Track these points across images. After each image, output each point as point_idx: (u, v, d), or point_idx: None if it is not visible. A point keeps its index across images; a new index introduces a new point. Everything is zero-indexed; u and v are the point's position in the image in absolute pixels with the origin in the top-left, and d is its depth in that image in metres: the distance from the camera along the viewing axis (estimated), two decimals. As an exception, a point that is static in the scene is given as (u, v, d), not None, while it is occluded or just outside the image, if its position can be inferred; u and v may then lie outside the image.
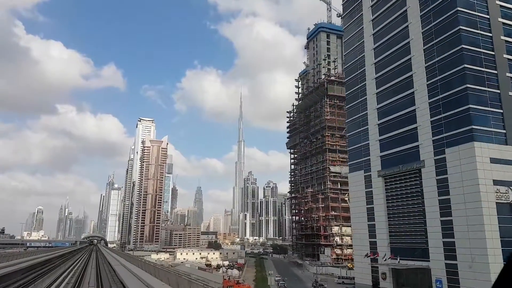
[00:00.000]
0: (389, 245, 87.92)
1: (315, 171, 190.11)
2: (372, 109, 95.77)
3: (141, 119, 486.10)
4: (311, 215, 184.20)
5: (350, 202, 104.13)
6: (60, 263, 76.40)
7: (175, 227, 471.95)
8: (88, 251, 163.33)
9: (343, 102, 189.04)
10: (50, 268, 67.22)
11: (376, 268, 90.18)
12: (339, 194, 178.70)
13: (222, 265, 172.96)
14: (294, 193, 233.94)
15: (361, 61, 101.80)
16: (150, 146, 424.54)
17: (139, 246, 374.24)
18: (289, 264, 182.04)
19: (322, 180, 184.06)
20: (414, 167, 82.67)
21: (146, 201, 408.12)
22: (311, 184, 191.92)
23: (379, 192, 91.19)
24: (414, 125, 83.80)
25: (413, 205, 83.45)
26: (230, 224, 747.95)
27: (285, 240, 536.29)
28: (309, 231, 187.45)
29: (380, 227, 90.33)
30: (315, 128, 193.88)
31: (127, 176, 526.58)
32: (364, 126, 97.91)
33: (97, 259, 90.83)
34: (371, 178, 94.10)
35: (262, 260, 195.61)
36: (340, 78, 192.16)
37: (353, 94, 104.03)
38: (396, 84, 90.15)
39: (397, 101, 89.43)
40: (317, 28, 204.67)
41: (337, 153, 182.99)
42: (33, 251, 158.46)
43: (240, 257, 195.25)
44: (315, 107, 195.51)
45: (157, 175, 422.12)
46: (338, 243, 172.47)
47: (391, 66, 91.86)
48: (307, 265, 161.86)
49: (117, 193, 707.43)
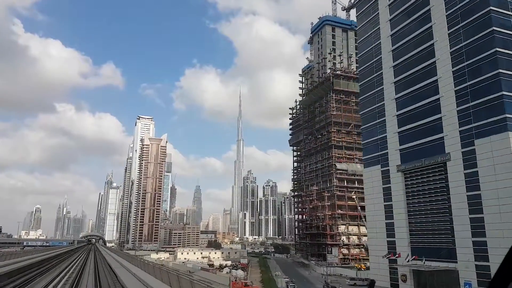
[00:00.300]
0: (409, 245, 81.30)
1: (320, 168, 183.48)
2: (390, 99, 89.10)
3: (140, 117, 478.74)
4: (316, 213, 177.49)
5: (366, 199, 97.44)
6: (53, 265, 69.62)
7: (174, 226, 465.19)
8: (85, 251, 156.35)
9: (349, 97, 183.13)
10: (42, 272, 60.40)
11: (395, 269, 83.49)
12: (345, 192, 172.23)
13: (225, 265, 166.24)
14: (298, 191, 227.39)
15: (377, 49, 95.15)
16: (149, 144, 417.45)
17: (138, 245, 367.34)
18: (294, 264, 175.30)
19: (327, 177, 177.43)
20: (438, 160, 76.02)
21: (145, 200, 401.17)
22: (316, 181, 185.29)
23: (398, 188, 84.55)
24: (438, 115, 77.18)
25: (437, 202, 76.81)
26: (229, 223, 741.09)
27: (285, 240, 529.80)
28: (314, 230, 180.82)
29: (399, 226, 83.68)
30: (320, 124, 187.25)
31: (125, 175, 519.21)
32: (381, 117, 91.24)
33: (95, 260, 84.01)
34: (389, 173, 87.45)
35: (265, 260, 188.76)
36: (346, 72, 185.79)
37: (368, 84, 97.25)
38: (417, 72, 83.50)
39: (418, 90, 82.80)
40: (322, 21, 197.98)
41: (343, 150, 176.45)
42: (29, 251, 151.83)
43: (243, 257, 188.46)
44: (320, 102, 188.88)
45: (156, 174, 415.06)
46: (345, 242, 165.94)
47: (411, 53, 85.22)
48: (313, 265, 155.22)
49: (115, 192, 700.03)
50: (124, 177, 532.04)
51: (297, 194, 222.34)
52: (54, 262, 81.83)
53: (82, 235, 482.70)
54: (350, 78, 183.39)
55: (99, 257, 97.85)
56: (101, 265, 71.27)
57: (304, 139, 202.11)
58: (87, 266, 71.71)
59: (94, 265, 65.00)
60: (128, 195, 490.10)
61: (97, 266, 65.32)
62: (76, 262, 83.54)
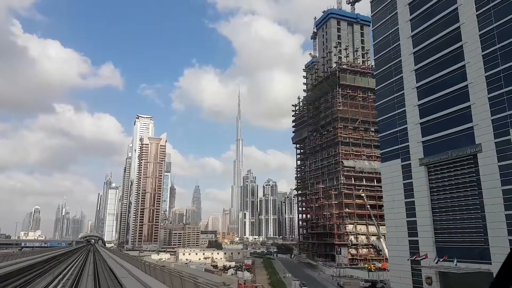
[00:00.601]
0: (434, 244, 74.54)
1: (326, 166, 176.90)
2: (410, 88, 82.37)
3: (139, 116, 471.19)
4: (323, 212, 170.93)
5: (384, 196, 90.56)
6: (46, 270, 62.85)
7: (174, 226, 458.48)
8: (84, 252, 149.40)
9: (356, 92, 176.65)
10: (32, 278, 53.62)
11: (419, 271, 76.75)
12: (353, 190, 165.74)
13: (229, 266, 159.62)
14: (302, 190, 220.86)
15: (395, 35, 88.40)
16: (148, 144, 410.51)
17: (137, 245, 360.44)
18: (300, 265, 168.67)
19: (334, 175, 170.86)
20: (467, 152, 69.35)
21: (144, 200, 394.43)
22: (322, 179, 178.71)
23: (421, 183, 77.79)
24: (466, 103, 70.51)
25: (466, 198, 70.06)
26: (228, 223, 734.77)
27: (285, 239, 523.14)
28: (320, 230, 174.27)
29: (422, 224, 76.93)
30: (325, 120, 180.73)
31: (125, 175, 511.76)
32: (400, 108, 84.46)
33: (95, 263, 77.21)
34: (410, 167, 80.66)
35: (270, 261, 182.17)
36: (352, 66, 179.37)
37: (385, 73, 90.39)
38: (441, 58, 76.79)
39: (442, 77, 76.08)
40: (327, 15, 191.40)
41: (350, 146, 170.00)
42: (27, 252, 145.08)
43: (247, 258, 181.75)
44: (326, 97, 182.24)
45: (156, 173, 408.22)
46: (353, 242, 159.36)
47: (434, 37, 78.48)
48: (321, 266, 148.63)
49: (114, 192, 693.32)
50: (123, 177, 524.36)
51: (301, 192, 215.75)
52: (48, 266, 74.94)
53: (81, 236, 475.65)
54: (357, 73, 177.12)
55: (99, 259, 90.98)
56: (102, 270, 64.51)
57: (309, 136, 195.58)
58: (86, 269, 65.01)
59: (94, 272, 58.12)
60: (127, 195, 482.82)
61: (96, 272, 58.51)
62: (74, 265, 76.72)
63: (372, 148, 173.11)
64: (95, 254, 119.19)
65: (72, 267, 71.48)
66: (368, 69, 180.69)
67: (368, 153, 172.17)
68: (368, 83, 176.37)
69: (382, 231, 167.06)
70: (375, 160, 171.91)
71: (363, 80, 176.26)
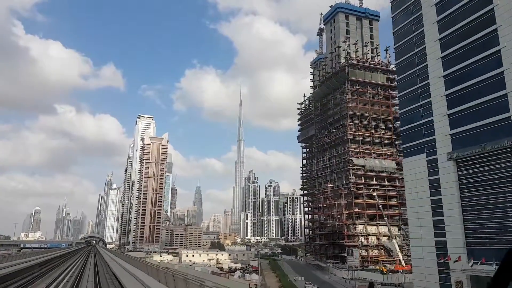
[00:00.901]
0: (465, 246, 68.10)
1: (335, 164, 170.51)
2: (436, 77, 75.94)
3: (141, 116, 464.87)
4: (331, 212, 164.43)
5: (407, 194, 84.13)
6: (38, 276, 56.51)
7: (176, 227, 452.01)
8: (85, 254, 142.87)
9: (365, 88, 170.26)
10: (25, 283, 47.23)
11: (447, 274, 70.27)
12: (363, 190, 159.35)
13: (235, 268, 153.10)
14: (308, 189, 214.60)
15: (418, 20, 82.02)
16: (150, 144, 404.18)
17: (139, 246, 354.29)
18: (308, 267, 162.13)
19: (343, 174, 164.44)
20: (504, 144, 62.88)
21: (146, 200, 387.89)
22: (330, 178, 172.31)
23: (450, 179, 71.31)
24: (502, 91, 64.06)
25: (503, 194, 63.62)
26: (230, 224, 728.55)
27: (287, 240, 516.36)
28: (329, 230, 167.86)
29: (451, 223, 70.47)
30: (334, 117, 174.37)
31: (126, 175, 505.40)
32: (425, 99, 78.02)
33: (96, 266, 70.74)
34: (437, 162, 74.20)
35: (276, 262, 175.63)
36: (361, 62, 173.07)
37: (408, 62, 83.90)
38: (471, 44, 70.43)
39: (473, 65, 69.69)
40: (335, 9, 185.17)
41: (360, 144, 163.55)
42: (26, 253, 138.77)
43: (253, 259, 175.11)
44: (334, 94, 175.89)
45: (158, 174, 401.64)
46: (363, 243, 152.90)
47: (463, 22, 72.11)
48: (331, 268, 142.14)
49: (115, 193, 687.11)
50: (124, 178, 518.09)
51: (307, 192, 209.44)
52: (46, 269, 68.52)
53: (81, 237, 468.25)
54: (367, 68, 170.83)
55: (100, 262, 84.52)
56: (103, 275, 58.13)
57: (316, 134, 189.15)
58: (86, 273, 58.67)
59: (94, 278, 51.75)
60: (128, 195, 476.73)
61: (97, 278, 52.13)
62: (72, 268, 70.32)
63: (382, 146, 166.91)
64: (95, 256, 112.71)
65: (70, 271, 65.14)
66: (378, 64, 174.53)
67: (378, 151, 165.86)
68: (378, 79, 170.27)
69: (393, 231, 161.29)
70: (385, 158, 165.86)
71: (373, 76, 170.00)
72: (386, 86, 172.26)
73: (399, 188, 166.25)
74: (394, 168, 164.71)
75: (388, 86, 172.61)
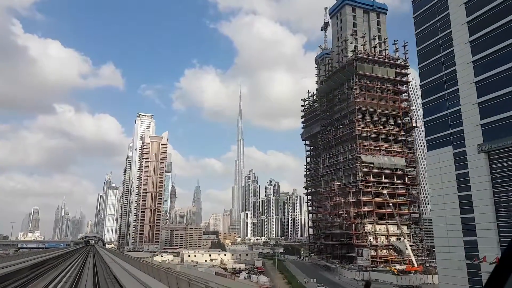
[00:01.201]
0: (499, 245, 62.07)
1: (342, 162, 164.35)
2: (464, 63, 69.87)
3: (140, 115, 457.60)
4: (339, 211, 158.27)
5: (431, 190, 78.27)
6: (29, 280, 50.28)
7: (176, 227, 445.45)
8: (83, 254, 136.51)
9: (374, 82, 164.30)
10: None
11: (479, 277, 64.17)
12: (372, 188, 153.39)
13: (240, 269, 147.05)
14: (312, 188, 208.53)
15: (443, 2, 75.94)
16: (149, 142, 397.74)
17: (138, 246, 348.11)
18: (315, 267, 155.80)
19: (351, 171, 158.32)
20: (545, 135, 56.99)
21: (145, 200, 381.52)
22: (337, 176, 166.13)
23: (481, 173, 65.26)
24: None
25: (544, 189, 57.70)
26: (229, 224, 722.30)
27: (288, 240, 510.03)
28: (335, 230, 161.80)
29: (482, 221, 64.41)
30: (341, 113, 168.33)
31: (125, 174, 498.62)
32: (452, 87, 71.93)
33: (95, 269, 64.37)
34: (465, 155, 68.12)
35: (281, 263, 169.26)
36: (369, 55, 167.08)
37: (431, 48, 77.73)
38: (504, 26, 64.42)
39: (506, 49, 63.70)
40: (342, 2, 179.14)
41: (369, 141, 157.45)
42: (25, 253, 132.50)
43: (257, 259, 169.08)
44: (341, 89, 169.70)
45: (157, 173, 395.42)
46: (372, 243, 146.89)
47: (494, 2, 66.14)
48: (339, 269, 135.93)
49: (114, 193, 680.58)
50: (123, 177, 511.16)
51: (312, 191, 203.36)
52: (40, 272, 62.30)
53: (80, 236, 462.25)
54: (375, 62, 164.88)
55: (100, 265, 78.23)
56: (102, 274, 51.91)
57: (322, 130, 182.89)
58: (83, 277, 52.48)
59: (93, 273, 45.61)
60: (127, 195, 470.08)
61: (96, 273, 45.95)
62: (70, 271, 64.08)
63: (391, 143, 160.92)
64: (94, 257, 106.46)
65: (68, 273, 58.95)
66: (387, 58, 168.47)
67: (387, 148, 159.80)
68: (386, 73, 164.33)
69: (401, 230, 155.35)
70: (394, 155, 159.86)
71: (381, 70, 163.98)
72: (395, 80, 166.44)
73: (408, 185, 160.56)
74: (403, 166, 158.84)
75: (397, 80, 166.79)
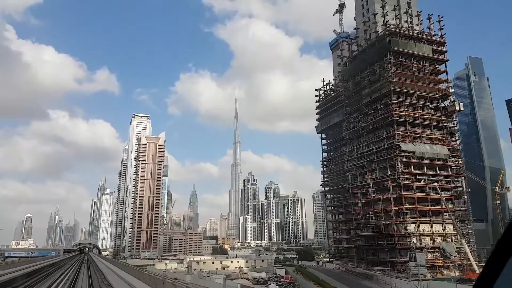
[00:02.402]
0: None
1: (375, 152, 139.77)
2: None
3: (136, 115, 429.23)
4: (374, 209, 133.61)
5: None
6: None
7: (175, 232, 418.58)
8: (75, 264, 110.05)
9: (409, 61, 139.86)
10: None
11: None
12: (413, 181, 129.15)
13: (262, 279, 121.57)
14: (330, 185, 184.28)
15: None
16: (146, 144, 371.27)
17: (135, 253, 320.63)
18: (348, 275, 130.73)
19: (388, 162, 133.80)
20: None
21: (142, 204, 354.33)
22: (369, 169, 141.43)
23: None
24: None
25: None
26: (226, 228, 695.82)
27: (289, 244, 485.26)
28: (368, 231, 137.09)
29: None
30: (371, 96, 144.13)
31: (120, 178, 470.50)
32: None
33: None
34: None
35: (305, 270, 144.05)
36: (403, 30, 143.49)
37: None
38: None
39: None
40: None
41: (408, 127, 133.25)
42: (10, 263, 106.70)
43: (277, 267, 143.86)
44: (371, 69, 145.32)
45: (154, 175, 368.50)
46: (417, 245, 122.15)
47: None
48: (384, 278, 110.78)
49: (109, 198, 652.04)
50: (118, 181, 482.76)
51: (333, 188, 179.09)
52: None
53: (74, 244, 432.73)
54: (410, 38, 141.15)
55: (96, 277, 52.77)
56: None
57: (346, 119, 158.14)
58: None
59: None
60: (123, 200, 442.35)
61: None
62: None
63: (432, 129, 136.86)
64: (89, 269, 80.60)
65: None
66: (424, 34, 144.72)
67: (428, 134, 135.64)
68: (423, 50, 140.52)
69: (448, 230, 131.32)
70: (436, 143, 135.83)
71: (417, 47, 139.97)
72: (432, 59, 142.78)
73: (452, 178, 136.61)
74: (446, 155, 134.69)
75: (435, 59, 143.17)
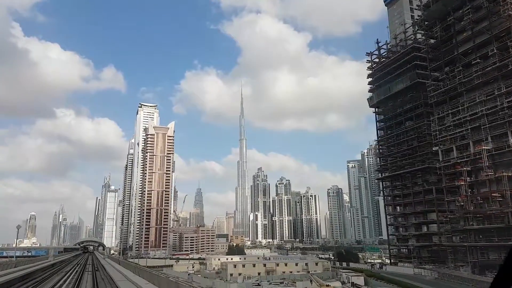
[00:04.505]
0: None
1: (485, 115, 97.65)
2: None
3: (142, 105, 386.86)
4: (491, 194, 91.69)
5: None
6: None
7: (186, 229, 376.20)
8: (75, 269, 68.24)
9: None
10: None
11: None
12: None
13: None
14: (392, 170, 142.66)
15: None
16: (154, 134, 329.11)
17: (143, 252, 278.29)
18: (447, 282, 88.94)
19: (508, 127, 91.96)
20: None
21: (150, 199, 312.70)
22: (473, 140, 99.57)
23: None
24: None
25: None
26: (233, 226, 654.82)
27: (303, 242, 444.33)
28: (479, 224, 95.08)
29: None
30: (475, 41, 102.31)
31: (126, 173, 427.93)
32: None
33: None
34: None
35: (391, 278, 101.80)
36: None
37: None
38: None
39: None
40: None
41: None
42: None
43: (349, 273, 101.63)
44: (473, 5, 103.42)
45: (164, 168, 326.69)
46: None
47: None
48: None
49: (114, 196, 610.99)
50: (124, 176, 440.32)
51: (398, 173, 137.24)
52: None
53: (77, 241, 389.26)
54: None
55: None
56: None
57: (432, 76, 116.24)
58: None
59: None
60: (129, 196, 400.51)
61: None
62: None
63: None
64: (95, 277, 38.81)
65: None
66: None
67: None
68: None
69: None
70: None
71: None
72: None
73: None
74: None
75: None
